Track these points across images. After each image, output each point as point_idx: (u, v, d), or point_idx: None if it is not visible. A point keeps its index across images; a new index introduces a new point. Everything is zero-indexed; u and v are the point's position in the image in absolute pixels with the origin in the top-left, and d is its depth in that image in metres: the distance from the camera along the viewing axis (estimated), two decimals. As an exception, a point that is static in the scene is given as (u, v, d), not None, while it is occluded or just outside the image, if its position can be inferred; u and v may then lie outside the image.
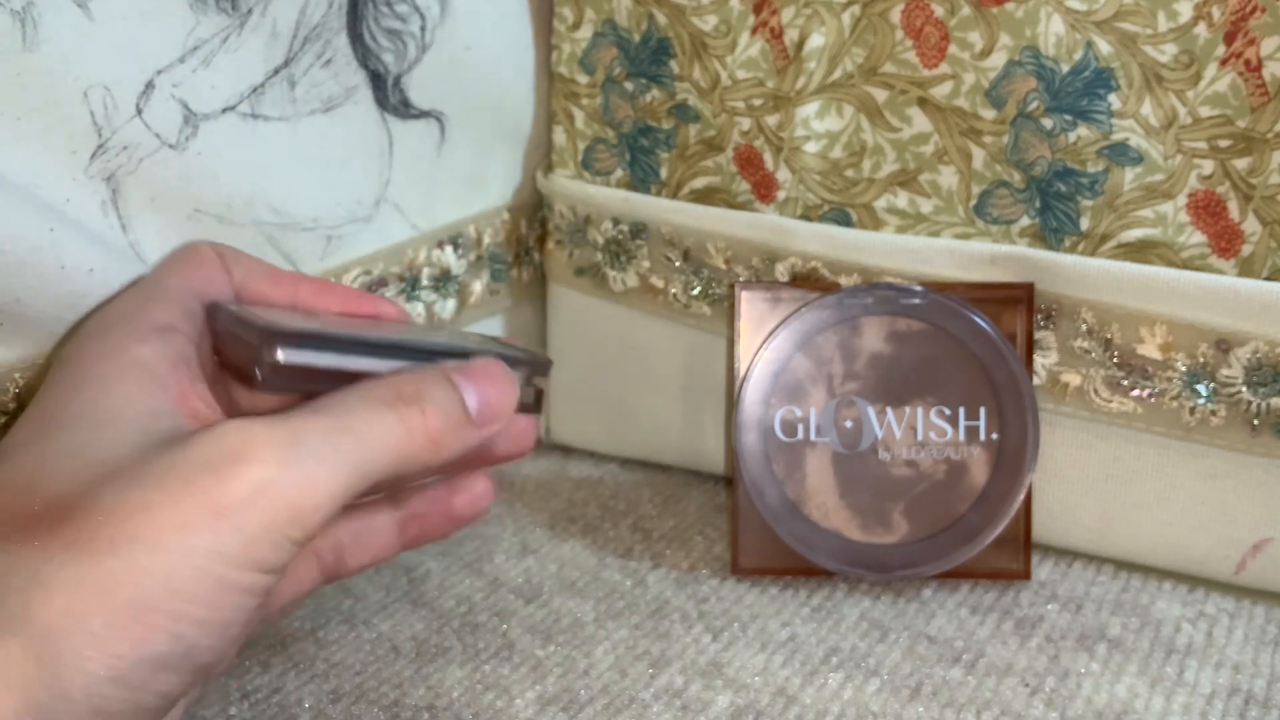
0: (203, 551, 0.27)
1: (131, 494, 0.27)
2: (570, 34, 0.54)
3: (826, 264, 0.49)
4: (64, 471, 0.28)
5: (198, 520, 0.27)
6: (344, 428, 0.30)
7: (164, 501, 0.27)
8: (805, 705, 0.41)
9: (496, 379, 0.35)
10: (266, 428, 0.29)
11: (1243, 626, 0.45)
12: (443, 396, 0.33)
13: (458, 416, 0.33)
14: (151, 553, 0.27)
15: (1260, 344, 0.44)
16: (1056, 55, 0.44)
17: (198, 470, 0.28)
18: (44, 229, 0.36)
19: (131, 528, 0.27)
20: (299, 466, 0.28)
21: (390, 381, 0.33)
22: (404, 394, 0.32)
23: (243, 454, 0.28)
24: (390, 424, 0.31)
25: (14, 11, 0.35)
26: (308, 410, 0.31)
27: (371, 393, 0.32)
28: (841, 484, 0.48)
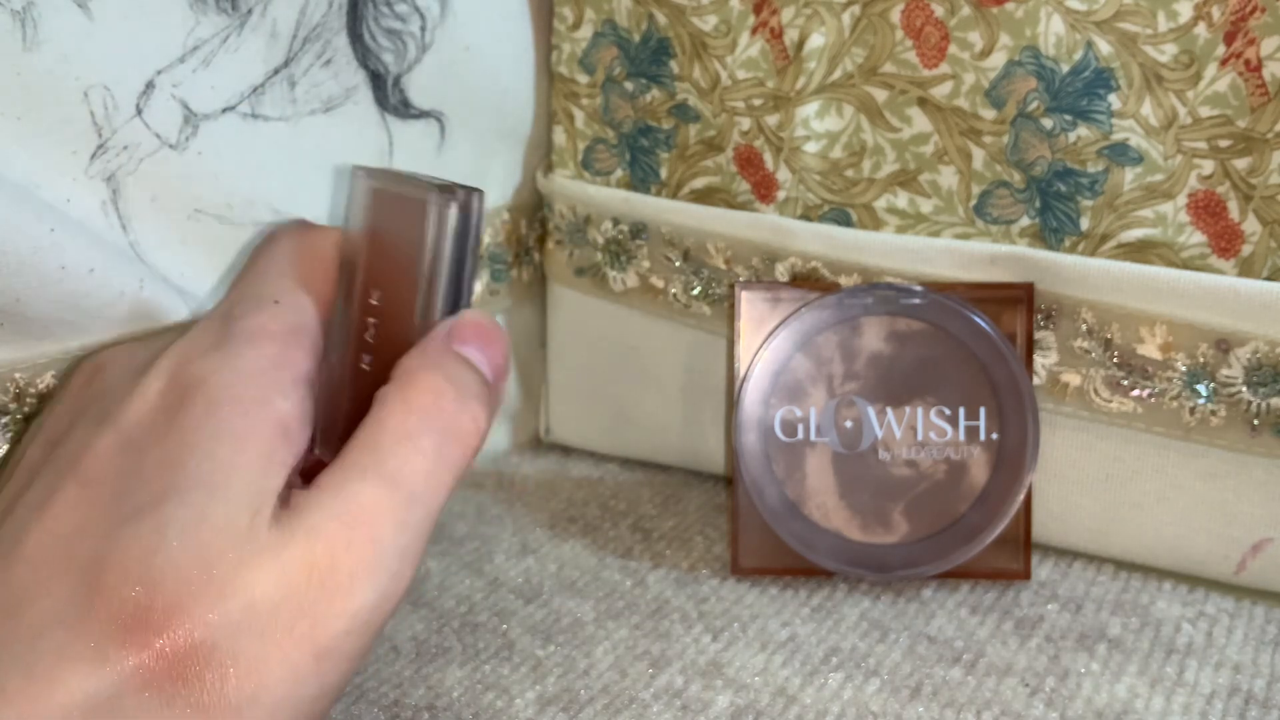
0: (309, 699, 0.28)
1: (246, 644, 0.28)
2: (570, 34, 0.54)
3: (826, 264, 0.49)
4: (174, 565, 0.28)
5: (306, 668, 0.28)
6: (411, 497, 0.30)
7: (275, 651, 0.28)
8: (805, 705, 0.41)
9: (496, 337, 0.34)
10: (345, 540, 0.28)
11: (1243, 626, 0.45)
12: (470, 381, 0.32)
13: (484, 391, 0.32)
14: (272, 712, 0.28)
15: (1260, 344, 0.44)
16: (1056, 55, 0.45)
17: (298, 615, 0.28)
18: (44, 229, 0.36)
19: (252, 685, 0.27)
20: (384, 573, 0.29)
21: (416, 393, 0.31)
22: (435, 406, 0.31)
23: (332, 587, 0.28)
24: (446, 458, 0.31)
25: (14, 11, 0.35)
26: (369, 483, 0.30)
27: (406, 433, 0.30)
28: (841, 484, 0.48)
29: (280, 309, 0.34)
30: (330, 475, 0.30)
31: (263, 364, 0.32)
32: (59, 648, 0.27)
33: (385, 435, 0.30)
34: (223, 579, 0.28)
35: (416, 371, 0.32)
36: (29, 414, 0.38)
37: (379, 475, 0.29)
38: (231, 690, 0.27)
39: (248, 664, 0.27)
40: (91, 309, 0.39)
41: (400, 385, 0.31)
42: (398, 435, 0.30)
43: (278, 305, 0.34)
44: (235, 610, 0.28)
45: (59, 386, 0.38)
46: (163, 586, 0.28)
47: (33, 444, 0.35)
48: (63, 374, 0.39)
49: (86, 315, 0.39)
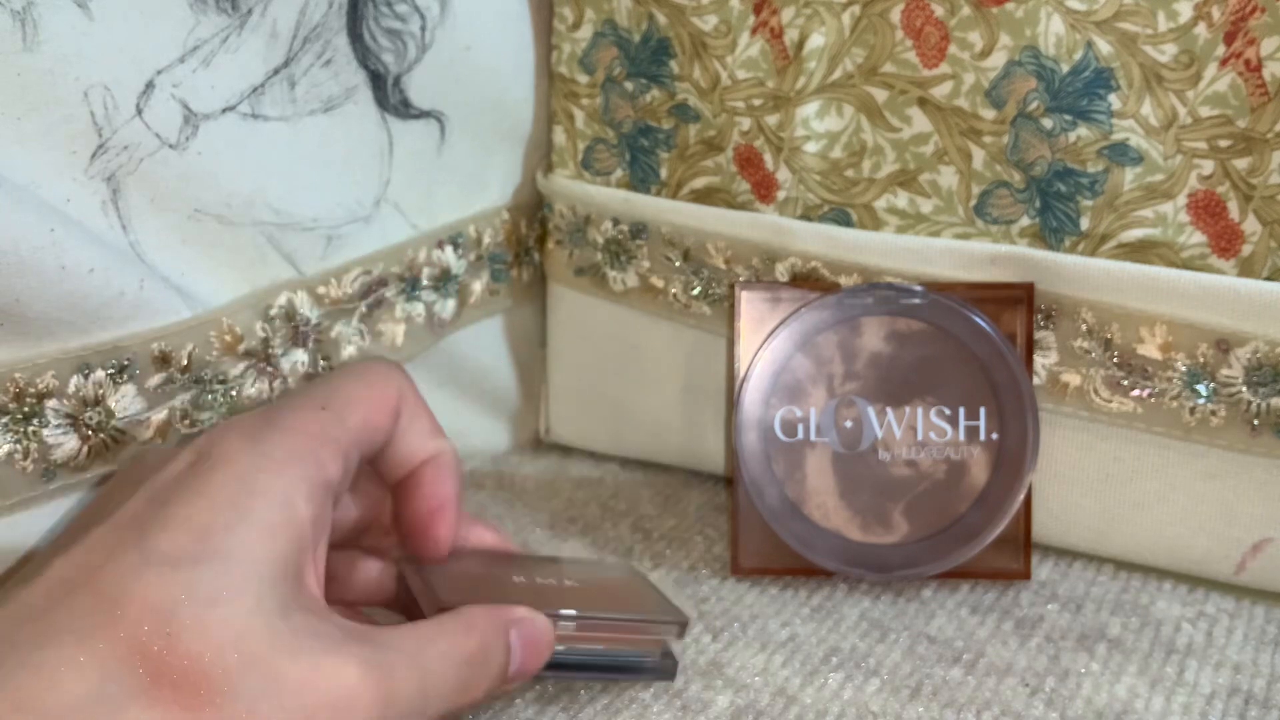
0: None
1: (264, 703, 0.30)
2: (570, 34, 0.54)
3: (826, 264, 0.49)
4: (200, 625, 0.30)
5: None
6: (425, 689, 0.33)
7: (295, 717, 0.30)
8: (805, 705, 0.41)
9: (542, 645, 0.37)
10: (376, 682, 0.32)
11: (1243, 626, 0.45)
12: (497, 662, 0.36)
13: (498, 679, 0.36)
14: None
15: (1260, 344, 0.44)
16: (1056, 55, 0.45)
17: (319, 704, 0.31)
18: (44, 229, 0.36)
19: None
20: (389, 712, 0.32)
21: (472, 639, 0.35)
22: (474, 657, 0.35)
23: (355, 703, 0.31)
24: (459, 682, 0.34)
25: (14, 11, 0.35)
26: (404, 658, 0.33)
27: (455, 652, 0.34)
28: (841, 484, 0.48)
29: (324, 415, 0.36)
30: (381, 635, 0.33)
31: (290, 459, 0.34)
32: (67, 656, 0.29)
33: (439, 643, 0.34)
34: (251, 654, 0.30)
35: (479, 628, 0.35)
36: (28, 413, 0.38)
37: (418, 670, 0.33)
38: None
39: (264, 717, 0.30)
40: (91, 309, 0.39)
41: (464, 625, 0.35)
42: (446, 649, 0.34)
43: (323, 412, 0.36)
44: (258, 678, 0.30)
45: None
46: (182, 637, 0.30)
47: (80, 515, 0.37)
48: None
49: (86, 315, 0.39)
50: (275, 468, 0.33)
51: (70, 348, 0.39)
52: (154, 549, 0.31)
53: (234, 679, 0.30)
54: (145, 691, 0.29)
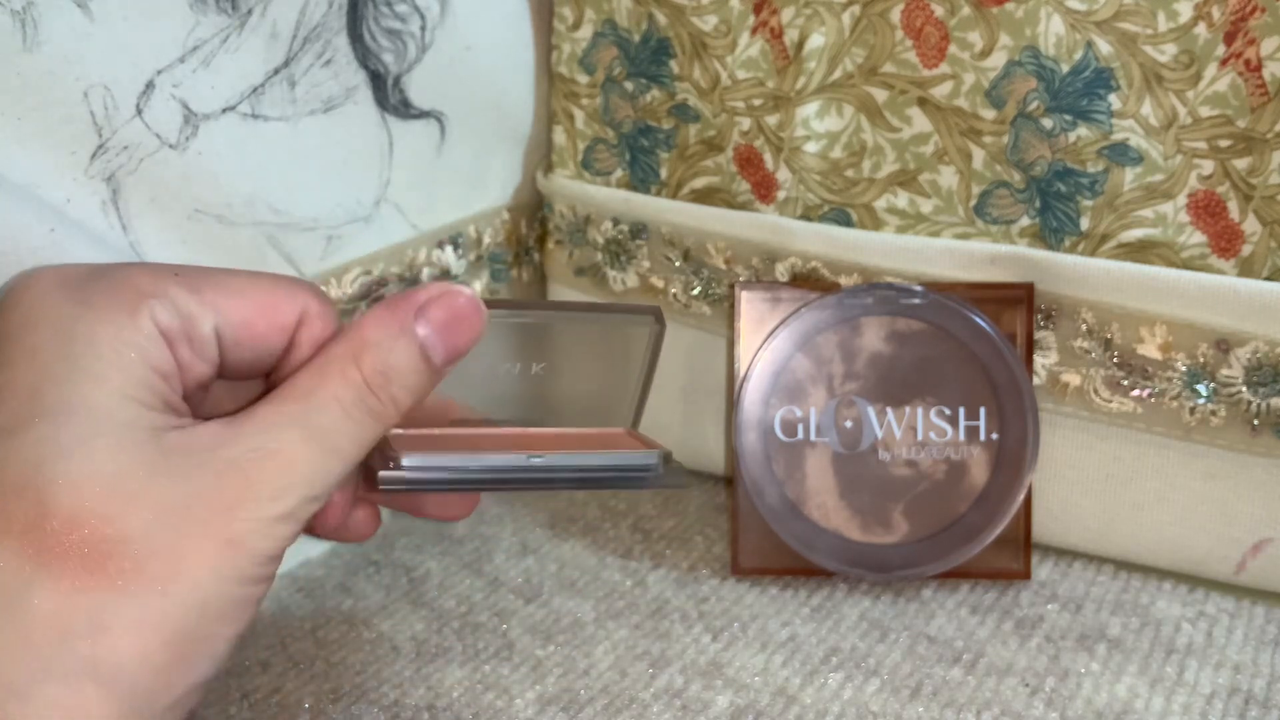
0: (229, 579, 0.29)
1: (160, 536, 0.29)
2: (570, 34, 0.54)
3: (826, 264, 0.49)
4: (65, 476, 0.29)
5: (223, 554, 0.29)
6: (327, 449, 0.31)
7: (190, 541, 0.29)
8: (805, 705, 0.41)
9: (464, 319, 0.34)
10: (260, 467, 0.30)
11: (1243, 626, 0.45)
12: (410, 370, 0.33)
13: (424, 384, 0.33)
14: (193, 589, 0.29)
15: (1260, 344, 0.44)
16: (1056, 55, 0.45)
17: (211, 511, 0.29)
18: (44, 229, 0.36)
19: (171, 567, 0.29)
20: (292, 497, 0.30)
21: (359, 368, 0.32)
22: (373, 384, 0.32)
23: (246, 494, 0.30)
24: (367, 426, 0.32)
25: (14, 11, 0.35)
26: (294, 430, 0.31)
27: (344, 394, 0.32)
28: (841, 484, 0.48)
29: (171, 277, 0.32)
30: (260, 412, 0.31)
31: (113, 306, 0.31)
32: None
33: (323, 392, 0.32)
34: (129, 490, 0.29)
35: (370, 346, 0.32)
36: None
37: (305, 428, 0.31)
38: (152, 573, 0.29)
39: (164, 551, 0.29)
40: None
41: (351, 352, 0.32)
42: (334, 396, 0.32)
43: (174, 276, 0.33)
44: (145, 512, 0.29)
45: None
46: (51, 498, 0.28)
47: None
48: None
49: None
50: (96, 314, 0.30)
51: (70, 348, 0.39)
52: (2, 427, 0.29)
53: (121, 522, 0.29)
54: (41, 571, 0.28)
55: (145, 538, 0.29)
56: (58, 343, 0.30)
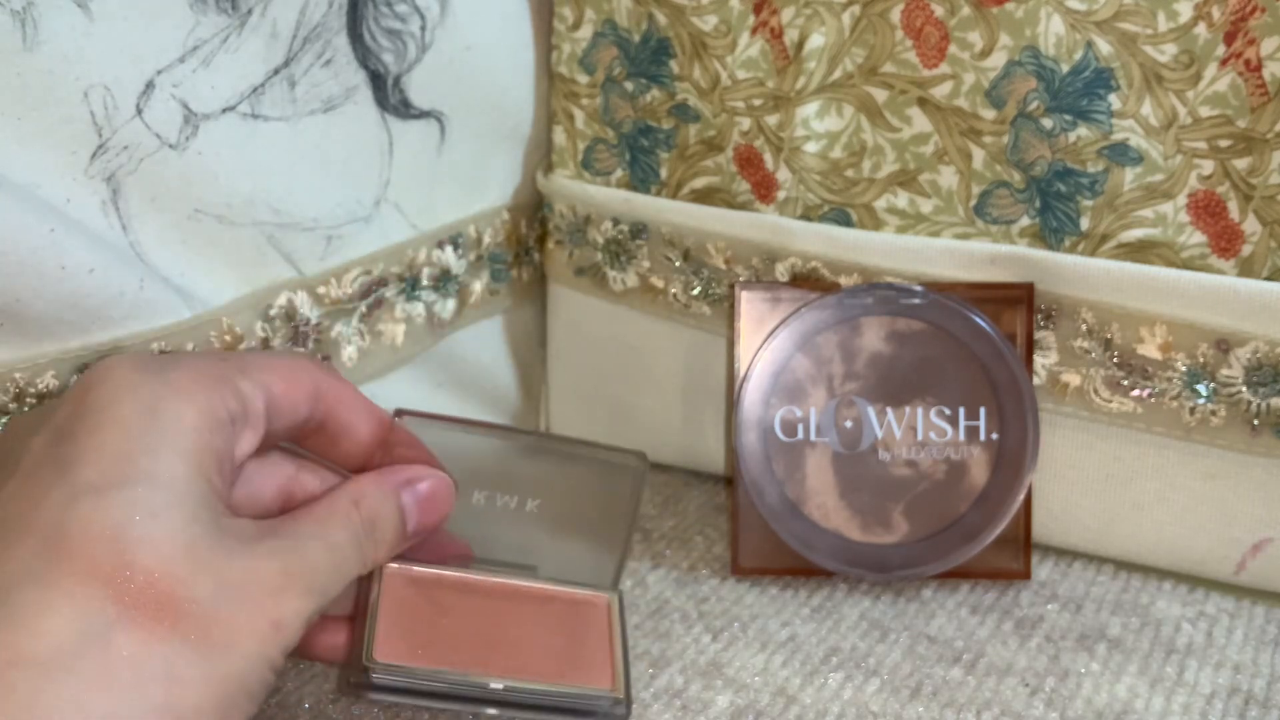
0: (265, 659, 0.32)
1: (223, 603, 0.32)
2: (570, 34, 0.54)
3: (826, 264, 0.49)
4: (150, 538, 0.31)
5: (267, 635, 0.32)
6: (335, 563, 0.36)
7: (245, 615, 0.32)
8: (805, 705, 0.41)
9: (439, 500, 0.40)
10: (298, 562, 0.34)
11: (1243, 626, 0.45)
12: (392, 530, 0.38)
13: (398, 538, 0.39)
14: (243, 659, 0.32)
15: (1260, 344, 0.44)
16: (1056, 55, 0.45)
17: (264, 593, 0.33)
18: (44, 229, 0.36)
19: (229, 636, 0.32)
20: (314, 598, 0.34)
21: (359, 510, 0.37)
22: (365, 526, 0.37)
23: (289, 584, 0.33)
24: (358, 557, 0.37)
25: (14, 11, 0.35)
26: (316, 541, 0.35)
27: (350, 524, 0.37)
28: (841, 484, 0.48)
29: (224, 363, 0.36)
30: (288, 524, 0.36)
31: (193, 388, 0.34)
32: (35, 601, 0.30)
33: (334, 520, 0.37)
34: (199, 560, 0.32)
35: (367, 496, 0.38)
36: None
37: (325, 544, 0.36)
38: (214, 637, 0.31)
39: (225, 619, 0.31)
40: (91, 309, 0.39)
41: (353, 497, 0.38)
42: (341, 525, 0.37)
43: (224, 361, 0.37)
44: (211, 582, 0.32)
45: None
46: (137, 554, 0.31)
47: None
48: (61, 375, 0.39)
49: (86, 315, 0.39)
50: (179, 396, 0.34)
51: (70, 348, 0.39)
52: (79, 481, 0.31)
53: (192, 587, 0.31)
54: (122, 616, 0.30)
55: (211, 603, 0.31)
56: (146, 417, 0.33)
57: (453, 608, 0.41)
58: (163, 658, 0.30)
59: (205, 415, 0.34)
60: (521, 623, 0.41)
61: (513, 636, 0.41)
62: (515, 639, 0.41)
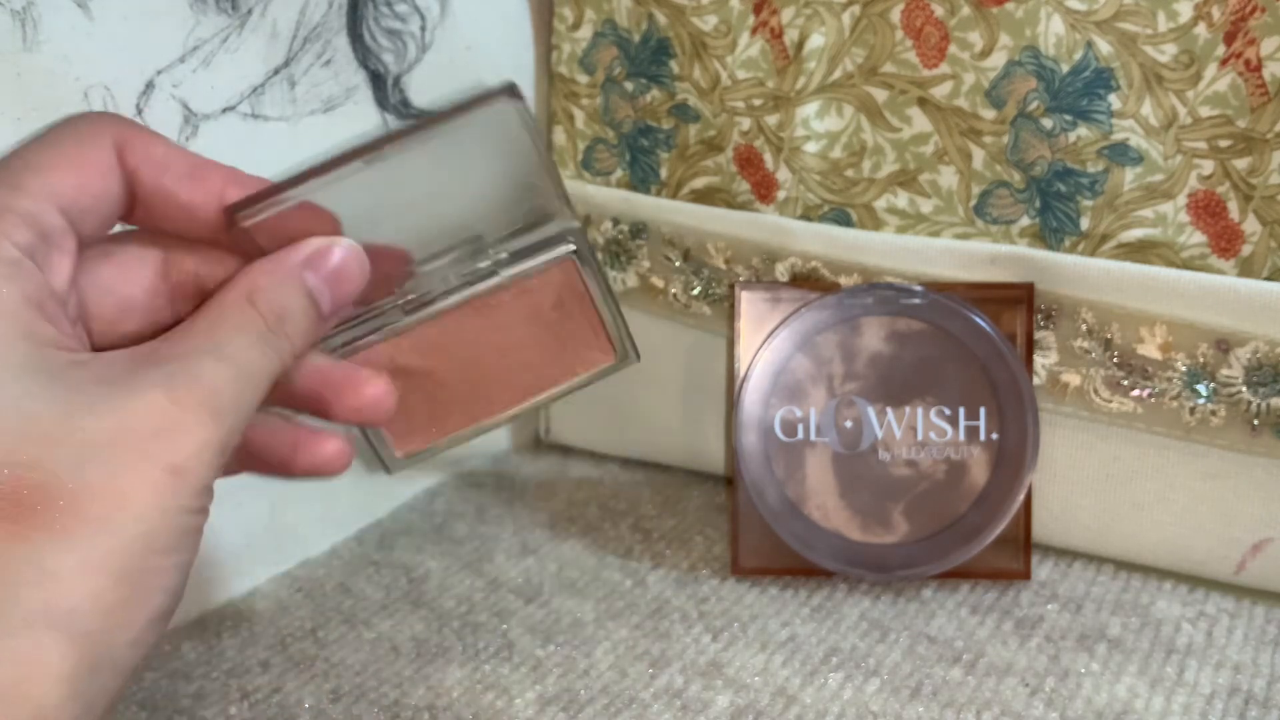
0: (172, 510, 0.29)
1: (93, 472, 0.29)
2: (570, 34, 0.54)
3: (826, 264, 0.49)
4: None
5: (163, 485, 0.29)
6: (241, 374, 0.32)
7: (129, 473, 0.29)
8: (805, 705, 0.41)
9: (351, 273, 0.35)
10: (188, 390, 0.30)
11: (1243, 626, 0.45)
12: (302, 314, 0.34)
13: (315, 326, 0.34)
14: (137, 523, 0.29)
15: (1260, 344, 0.44)
16: (1056, 55, 0.45)
17: (146, 441, 0.29)
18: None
19: (112, 502, 0.28)
20: (224, 423, 0.31)
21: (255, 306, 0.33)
22: (270, 321, 0.33)
23: (181, 420, 0.30)
24: (270, 357, 0.33)
25: (14, 11, 0.35)
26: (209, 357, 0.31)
27: (247, 325, 0.33)
28: (841, 484, 0.48)
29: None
30: (166, 346, 0.32)
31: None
32: None
33: (225, 325, 0.32)
34: (45, 432, 0.28)
35: (262, 289, 0.33)
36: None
37: (220, 356, 0.31)
38: (90, 512, 0.28)
39: (100, 488, 0.28)
40: None
41: (244, 294, 0.33)
42: (237, 328, 0.32)
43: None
44: (71, 451, 0.28)
45: None
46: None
47: None
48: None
49: None
50: None
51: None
52: None
53: (46, 465, 0.28)
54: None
55: (76, 477, 0.28)
56: None
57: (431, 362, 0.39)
58: (29, 559, 0.27)
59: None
60: (500, 335, 0.39)
61: (500, 356, 0.38)
62: (503, 357, 0.38)
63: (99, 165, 0.32)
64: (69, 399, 0.29)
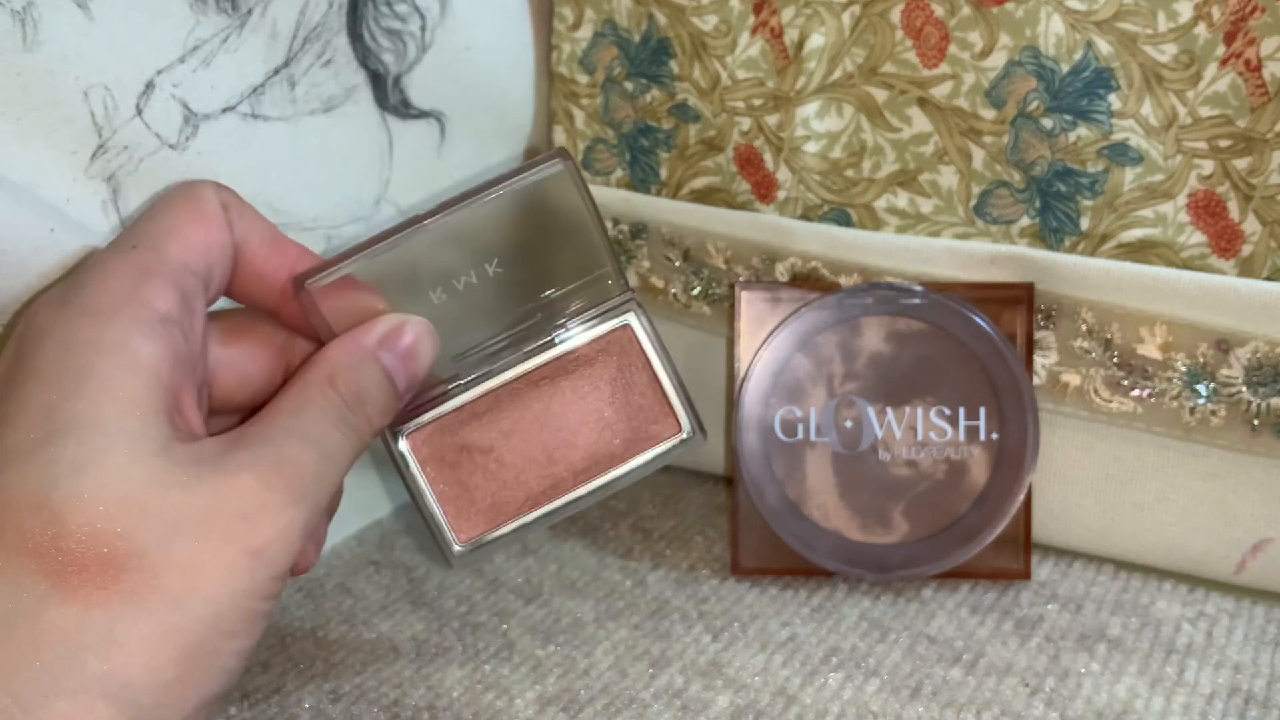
0: (244, 593, 0.30)
1: (177, 545, 0.29)
2: (570, 34, 0.54)
3: (826, 264, 0.49)
4: (79, 495, 0.29)
5: (240, 566, 0.30)
6: (324, 455, 0.32)
7: (209, 552, 0.29)
8: (805, 705, 0.41)
9: (421, 346, 0.36)
10: (275, 474, 0.31)
11: (1243, 626, 0.45)
12: (380, 392, 0.35)
13: (392, 403, 0.35)
14: (207, 603, 0.29)
15: (1260, 344, 0.44)
16: (1056, 55, 0.45)
17: (232, 521, 0.30)
18: (44, 229, 0.36)
19: (188, 580, 0.29)
20: (306, 504, 0.31)
21: (335, 388, 0.34)
22: (349, 401, 0.34)
23: (267, 503, 0.30)
24: (350, 437, 0.34)
25: (14, 11, 0.35)
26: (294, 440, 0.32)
27: (329, 408, 0.33)
28: (841, 484, 0.48)
29: (135, 254, 0.33)
30: (254, 428, 0.32)
31: (108, 307, 0.31)
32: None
33: (310, 408, 0.33)
34: (143, 503, 0.29)
35: (341, 369, 0.34)
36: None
37: (303, 438, 0.32)
38: (167, 586, 0.29)
39: (180, 563, 0.29)
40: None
41: (325, 375, 0.34)
42: (320, 410, 0.33)
43: (134, 251, 0.33)
44: (161, 525, 0.29)
45: None
46: (67, 516, 0.28)
47: None
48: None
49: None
50: (94, 323, 0.30)
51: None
52: (4, 448, 0.29)
53: (136, 536, 0.28)
54: (55, 588, 0.28)
55: (161, 550, 0.29)
56: (63, 357, 0.30)
57: (492, 438, 0.38)
58: (100, 625, 0.28)
59: (127, 328, 0.30)
60: (563, 411, 0.39)
61: (564, 432, 0.38)
62: (568, 432, 0.38)
63: (216, 221, 0.34)
64: (170, 474, 0.30)
